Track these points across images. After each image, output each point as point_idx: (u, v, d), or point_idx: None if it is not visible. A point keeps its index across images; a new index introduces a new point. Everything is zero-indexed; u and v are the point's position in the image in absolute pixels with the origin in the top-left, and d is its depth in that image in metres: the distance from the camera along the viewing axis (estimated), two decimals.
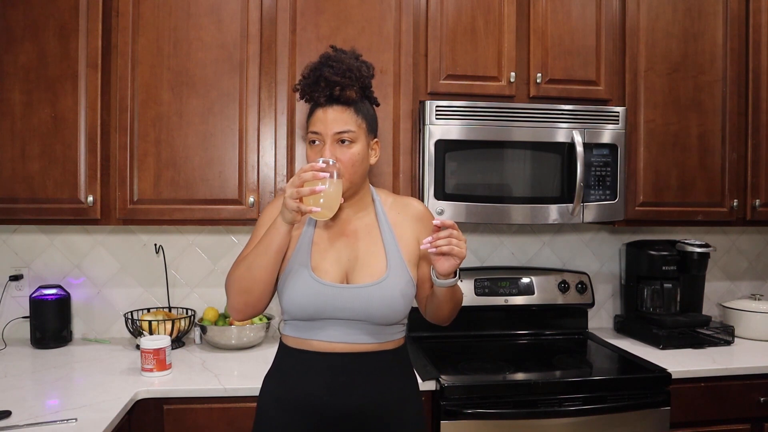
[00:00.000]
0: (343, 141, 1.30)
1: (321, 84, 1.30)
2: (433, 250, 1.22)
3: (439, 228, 1.24)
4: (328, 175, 1.20)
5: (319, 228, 1.38)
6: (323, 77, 1.29)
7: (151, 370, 1.79)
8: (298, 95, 1.38)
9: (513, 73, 2.11)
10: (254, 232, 1.42)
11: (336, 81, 1.28)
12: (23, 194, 1.93)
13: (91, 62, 1.94)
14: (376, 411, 1.31)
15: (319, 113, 1.32)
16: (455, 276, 1.29)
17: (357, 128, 1.31)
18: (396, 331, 1.38)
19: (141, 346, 1.80)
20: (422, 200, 2.03)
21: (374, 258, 1.34)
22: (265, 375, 1.43)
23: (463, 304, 2.23)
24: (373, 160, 1.39)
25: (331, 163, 1.23)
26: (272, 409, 1.35)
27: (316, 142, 1.33)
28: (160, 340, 1.81)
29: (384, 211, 1.41)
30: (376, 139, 1.40)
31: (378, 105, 1.43)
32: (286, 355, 1.38)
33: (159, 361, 1.79)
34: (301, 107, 1.99)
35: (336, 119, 1.30)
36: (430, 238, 1.22)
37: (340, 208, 1.31)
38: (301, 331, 1.34)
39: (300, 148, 2.04)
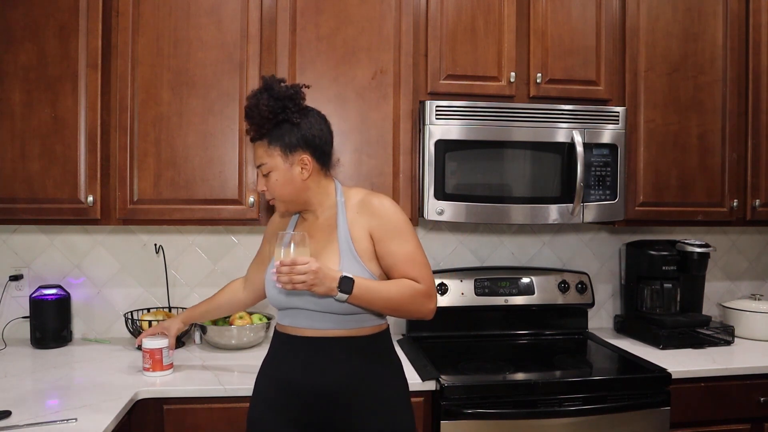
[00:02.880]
0: (263, 173, 1.50)
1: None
2: (278, 285, 1.33)
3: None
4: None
5: (296, 229, 1.57)
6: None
7: (151, 370, 1.79)
8: None
9: (513, 73, 2.11)
10: (262, 241, 1.75)
11: (247, 122, 1.48)
12: (23, 194, 1.93)
13: (91, 62, 1.94)
14: (346, 391, 1.43)
15: None
16: (338, 293, 1.36)
17: (269, 158, 1.47)
18: (364, 319, 1.47)
19: (142, 346, 1.80)
20: (422, 200, 2.04)
21: (328, 255, 1.45)
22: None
23: (463, 304, 2.29)
24: (304, 175, 1.48)
25: (288, 234, 1.37)
26: (263, 384, 1.54)
27: None
28: (161, 340, 1.81)
29: (344, 212, 1.50)
30: (304, 155, 1.47)
31: (297, 121, 1.45)
32: (275, 338, 1.57)
33: (159, 360, 1.79)
34: None
35: (255, 155, 1.51)
36: (273, 269, 1.34)
37: (308, 213, 1.56)
38: (281, 318, 1.54)
39: None
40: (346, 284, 1.36)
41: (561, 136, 2.08)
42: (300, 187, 1.49)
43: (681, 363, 2.00)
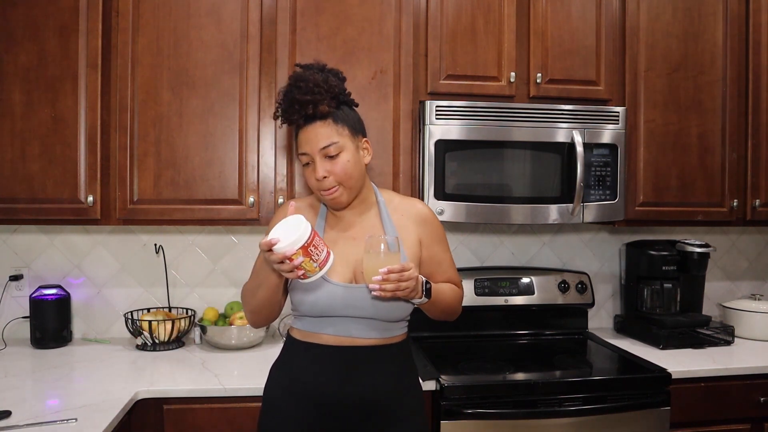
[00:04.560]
0: (330, 155, 1.34)
1: (295, 107, 1.33)
2: (378, 293, 1.24)
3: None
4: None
5: (327, 231, 1.44)
6: (295, 100, 1.33)
7: (327, 259, 1.24)
8: (279, 122, 1.42)
9: (513, 73, 2.11)
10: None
11: (307, 100, 1.31)
12: (23, 194, 1.93)
13: (91, 62, 1.94)
14: (380, 400, 1.37)
15: (302, 134, 1.36)
16: (421, 298, 1.34)
17: (339, 137, 1.34)
18: (400, 326, 1.44)
19: (291, 245, 1.19)
20: (422, 200, 2.03)
21: None
22: (271, 367, 1.50)
23: (463, 304, 2.25)
24: (367, 159, 1.43)
25: (390, 240, 1.26)
26: (280, 398, 1.41)
27: (309, 163, 1.37)
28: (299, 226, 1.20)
29: (388, 213, 1.45)
30: (365, 139, 1.43)
31: (357, 105, 1.45)
32: (294, 347, 1.43)
33: (321, 241, 1.25)
34: None
35: (318, 135, 1.34)
36: (379, 278, 1.21)
37: (346, 211, 1.43)
38: (310, 326, 1.40)
39: None
40: (428, 288, 1.35)
41: (561, 136, 2.08)
42: (363, 173, 1.41)
43: (681, 363, 2.00)
